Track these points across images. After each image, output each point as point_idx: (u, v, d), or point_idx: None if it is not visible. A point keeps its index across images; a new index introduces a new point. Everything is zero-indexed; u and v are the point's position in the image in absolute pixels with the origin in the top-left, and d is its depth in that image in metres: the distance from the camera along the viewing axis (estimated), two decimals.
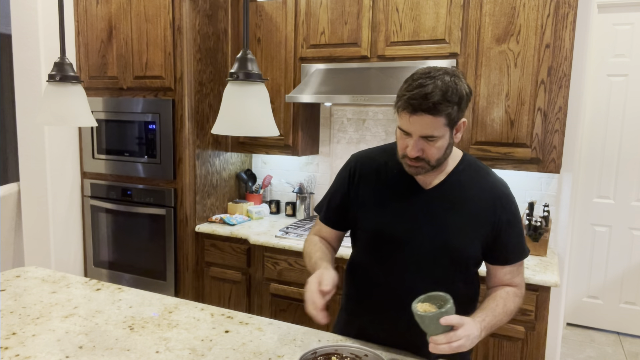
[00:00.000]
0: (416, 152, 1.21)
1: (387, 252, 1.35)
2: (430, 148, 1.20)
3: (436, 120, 1.16)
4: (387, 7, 2.54)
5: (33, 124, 2.96)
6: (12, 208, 3.17)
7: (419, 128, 1.17)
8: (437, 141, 1.20)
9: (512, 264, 1.33)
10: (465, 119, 1.25)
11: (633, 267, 3.53)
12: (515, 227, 1.32)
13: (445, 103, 1.14)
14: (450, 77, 1.17)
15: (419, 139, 1.20)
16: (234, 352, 1.34)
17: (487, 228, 1.30)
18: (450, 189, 1.32)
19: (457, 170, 1.33)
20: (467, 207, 1.30)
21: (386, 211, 1.34)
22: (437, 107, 1.14)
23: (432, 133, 1.18)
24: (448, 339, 1.09)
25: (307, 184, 3.17)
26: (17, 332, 1.43)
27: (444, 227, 1.30)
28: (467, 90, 1.20)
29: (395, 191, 1.35)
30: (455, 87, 1.16)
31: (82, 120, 1.56)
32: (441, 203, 1.31)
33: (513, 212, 1.32)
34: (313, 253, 1.42)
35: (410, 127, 1.19)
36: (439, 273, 1.32)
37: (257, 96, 1.20)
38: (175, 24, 2.71)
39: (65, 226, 3.10)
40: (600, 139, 3.53)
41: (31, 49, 2.87)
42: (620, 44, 3.40)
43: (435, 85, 1.14)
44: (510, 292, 1.33)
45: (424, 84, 1.15)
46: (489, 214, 1.29)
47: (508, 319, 1.30)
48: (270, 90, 2.84)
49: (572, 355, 3.27)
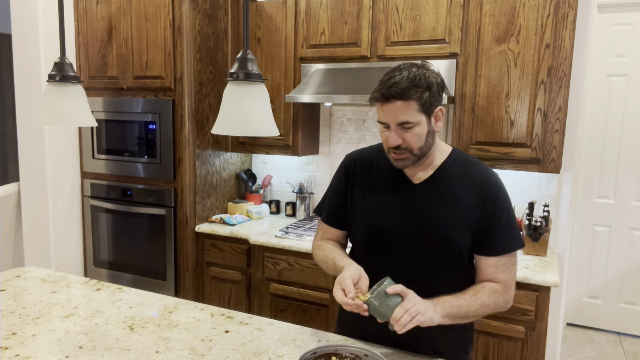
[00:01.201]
0: (395, 140, 1.25)
1: (381, 246, 1.38)
2: (409, 136, 1.25)
3: (407, 104, 1.22)
4: (387, 7, 2.54)
5: (33, 124, 2.96)
6: (12, 208, 3.17)
7: (393, 115, 1.24)
8: (415, 127, 1.24)
9: (497, 256, 1.31)
10: (442, 107, 1.29)
11: (633, 267, 3.53)
12: (502, 217, 1.32)
13: (413, 88, 1.21)
14: (417, 68, 1.25)
15: (397, 128, 1.25)
16: (234, 352, 1.34)
17: (476, 216, 1.31)
18: (439, 182, 1.35)
19: (445, 164, 1.36)
20: (456, 199, 1.32)
21: (378, 206, 1.38)
22: (406, 92, 1.21)
23: (406, 119, 1.23)
24: (404, 308, 1.14)
25: (307, 184, 3.17)
26: (17, 332, 1.43)
27: (434, 219, 1.32)
28: (437, 80, 1.26)
29: (386, 186, 1.38)
30: (423, 74, 1.24)
31: (82, 120, 1.56)
32: (431, 196, 1.34)
33: (501, 202, 1.32)
34: (328, 256, 1.42)
35: (385, 117, 1.26)
36: (433, 265, 1.34)
37: (257, 96, 1.20)
38: (175, 24, 2.71)
39: (65, 226, 3.10)
40: (600, 139, 3.53)
41: (31, 49, 2.87)
42: (620, 44, 3.40)
43: (402, 75, 1.23)
44: (487, 285, 1.32)
45: (393, 75, 1.24)
46: (477, 202, 1.31)
47: (482, 310, 1.28)
48: (270, 90, 2.84)
49: (572, 355, 3.27)
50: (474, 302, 1.27)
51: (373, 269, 1.37)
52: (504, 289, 1.32)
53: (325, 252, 1.44)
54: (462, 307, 1.26)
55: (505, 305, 1.33)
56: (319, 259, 1.47)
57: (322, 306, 2.54)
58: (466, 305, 1.26)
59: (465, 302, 1.26)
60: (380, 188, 1.39)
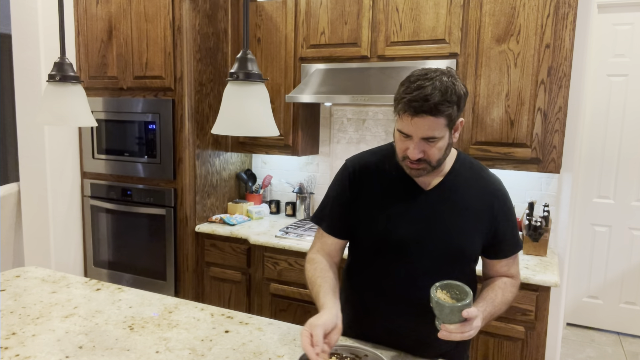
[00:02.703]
0: (418, 153, 1.21)
1: (391, 255, 1.34)
2: (431, 149, 1.21)
3: (437, 121, 1.16)
4: (387, 7, 2.54)
5: (33, 124, 2.96)
6: (12, 208, 3.17)
7: (421, 130, 1.18)
8: (438, 142, 1.20)
9: (507, 257, 1.38)
10: (463, 118, 1.28)
11: (633, 267, 3.53)
12: (510, 222, 1.36)
13: (445, 104, 1.14)
14: (447, 77, 1.17)
15: (420, 141, 1.20)
16: (234, 352, 1.34)
17: (486, 224, 1.33)
18: (449, 188, 1.33)
19: (454, 169, 1.34)
20: (467, 206, 1.32)
21: (390, 216, 1.33)
22: (439, 107, 1.14)
23: (433, 134, 1.18)
24: (462, 330, 1.11)
25: (307, 184, 3.17)
26: (17, 332, 1.43)
27: (447, 228, 1.31)
28: (464, 90, 1.21)
29: (396, 195, 1.34)
30: (454, 87, 1.16)
31: (82, 120, 1.56)
32: (442, 204, 1.32)
33: (509, 207, 1.37)
34: (316, 281, 1.33)
35: (411, 130, 1.19)
36: (443, 272, 1.31)
37: (257, 96, 1.20)
38: (175, 24, 2.71)
39: (65, 226, 3.10)
40: (600, 139, 3.53)
41: (31, 49, 2.87)
42: (620, 44, 3.40)
43: (434, 86, 1.14)
44: (508, 282, 1.37)
45: (423, 85, 1.15)
46: (488, 210, 1.33)
47: (506, 307, 1.33)
48: (270, 90, 2.84)
49: (572, 355, 3.27)
50: (503, 304, 1.32)
51: (381, 277, 1.37)
52: (517, 280, 1.41)
53: (315, 274, 1.35)
54: (496, 314, 1.29)
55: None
56: (308, 277, 1.38)
57: None
58: (498, 309, 1.30)
59: (498, 307, 1.29)
60: (389, 196, 1.34)
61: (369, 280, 1.39)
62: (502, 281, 1.37)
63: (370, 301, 1.40)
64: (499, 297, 1.31)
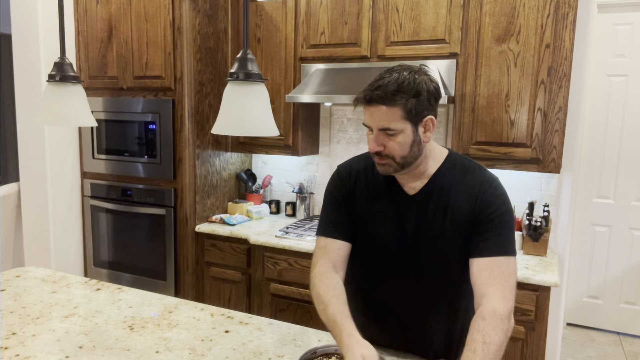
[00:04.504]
0: (376, 146, 1.21)
1: (379, 260, 1.33)
2: (391, 143, 1.20)
3: (391, 111, 1.16)
4: (387, 7, 2.54)
5: (33, 124, 2.96)
6: (12, 208, 3.17)
7: (376, 119, 1.19)
8: (397, 135, 1.19)
9: (487, 256, 1.19)
10: (433, 117, 1.21)
11: (633, 267, 3.53)
12: (495, 216, 1.22)
13: (399, 94, 1.15)
14: (409, 72, 1.18)
15: (379, 133, 1.20)
16: (234, 352, 1.34)
17: (470, 221, 1.24)
18: (433, 192, 1.28)
19: (440, 172, 1.29)
20: (449, 209, 1.26)
21: (375, 217, 1.33)
22: (390, 97, 1.15)
23: (388, 125, 1.17)
24: None
25: (307, 184, 3.17)
26: (17, 332, 1.43)
27: (431, 232, 1.27)
28: (429, 86, 1.19)
29: (381, 197, 1.33)
30: (413, 80, 1.16)
31: (82, 120, 1.56)
32: (426, 207, 1.28)
33: (495, 202, 1.23)
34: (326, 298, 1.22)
35: (368, 120, 1.21)
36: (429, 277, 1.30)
37: (257, 96, 1.20)
38: (175, 24, 2.71)
39: (65, 226, 3.10)
40: (600, 139, 3.53)
41: (31, 49, 2.87)
42: (620, 44, 3.40)
43: (392, 78, 1.17)
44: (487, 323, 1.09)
45: (383, 77, 1.18)
46: (471, 206, 1.24)
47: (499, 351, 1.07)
48: (270, 90, 2.84)
49: (572, 355, 3.27)
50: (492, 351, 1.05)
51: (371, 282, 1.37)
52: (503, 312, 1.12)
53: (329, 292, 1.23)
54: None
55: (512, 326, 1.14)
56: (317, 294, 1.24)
57: None
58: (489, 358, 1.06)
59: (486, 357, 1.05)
60: (376, 198, 1.33)
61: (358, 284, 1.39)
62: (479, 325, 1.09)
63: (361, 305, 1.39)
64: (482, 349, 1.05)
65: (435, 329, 1.35)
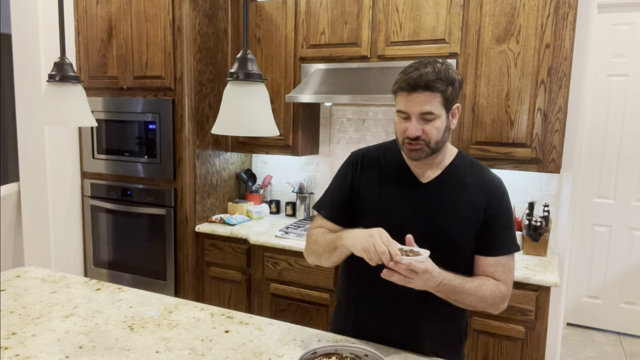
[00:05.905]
0: (416, 130, 1.26)
1: None
2: (429, 128, 1.26)
3: (433, 96, 1.24)
4: (387, 7, 2.54)
5: (33, 124, 2.96)
6: (12, 208, 3.17)
7: (418, 105, 1.25)
8: (436, 120, 1.26)
9: (495, 256, 1.34)
10: (459, 105, 1.32)
11: (633, 267, 3.53)
12: (503, 220, 1.35)
13: (439, 81, 1.24)
14: (441, 64, 1.28)
15: (419, 118, 1.26)
16: (234, 352, 1.34)
17: (480, 216, 1.34)
18: (446, 182, 1.36)
19: (453, 164, 1.38)
20: (462, 200, 1.34)
21: (385, 203, 1.38)
22: (433, 84, 1.23)
23: (430, 109, 1.24)
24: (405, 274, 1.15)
25: (307, 184, 3.17)
26: (17, 332, 1.43)
27: (441, 219, 1.33)
28: (458, 78, 1.29)
29: (394, 184, 1.39)
30: (447, 70, 1.26)
31: (82, 120, 1.56)
32: (438, 196, 1.35)
33: (504, 206, 1.36)
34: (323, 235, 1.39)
35: (408, 106, 1.26)
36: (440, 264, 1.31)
37: (257, 96, 1.20)
38: (175, 24, 2.71)
39: (65, 226, 3.10)
40: (600, 139, 3.53)
41: (31, 49, 2.87)
42: (620, 44, 3.40)
43: (427, 69, 1.25)
44: (492, 281, 1.33)
45: (419, 67, 1.26)
46: (482, 202, 1.34)
47: (476, 301, 1.29)
48: (270, 90, 2.84)
49: (572, 355, 3.27)
50: (473, 294, 1.27)
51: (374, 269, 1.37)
52: (504, 286, 1.33)
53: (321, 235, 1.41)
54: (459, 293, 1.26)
55: (496, 309, 1.34)
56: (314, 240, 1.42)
57: (322, 306, 2.54)
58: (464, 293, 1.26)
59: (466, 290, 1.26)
60: (388, 185, 1.39)
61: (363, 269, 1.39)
62: (486, 278, 1.34)
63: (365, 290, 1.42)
64: (473, 284, 1.28)
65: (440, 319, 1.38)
